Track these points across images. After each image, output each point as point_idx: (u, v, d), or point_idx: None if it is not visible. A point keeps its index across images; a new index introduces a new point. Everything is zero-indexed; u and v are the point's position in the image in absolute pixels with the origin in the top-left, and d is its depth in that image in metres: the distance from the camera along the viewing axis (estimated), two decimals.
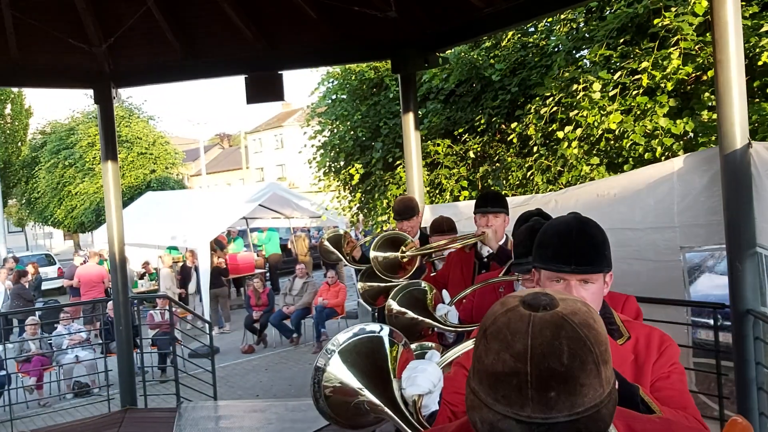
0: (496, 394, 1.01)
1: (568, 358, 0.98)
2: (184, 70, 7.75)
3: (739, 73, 4.37)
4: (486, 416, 1.02)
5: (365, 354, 1.65)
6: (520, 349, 1.00)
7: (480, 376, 1.05)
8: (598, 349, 1.01)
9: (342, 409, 1.65)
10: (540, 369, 0.98)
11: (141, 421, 7.21)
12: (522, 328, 1.02)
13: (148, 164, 27.97)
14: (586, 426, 0.98)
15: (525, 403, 0.98)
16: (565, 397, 0.97)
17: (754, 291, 4.43)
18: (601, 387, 1.00)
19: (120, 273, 7.57)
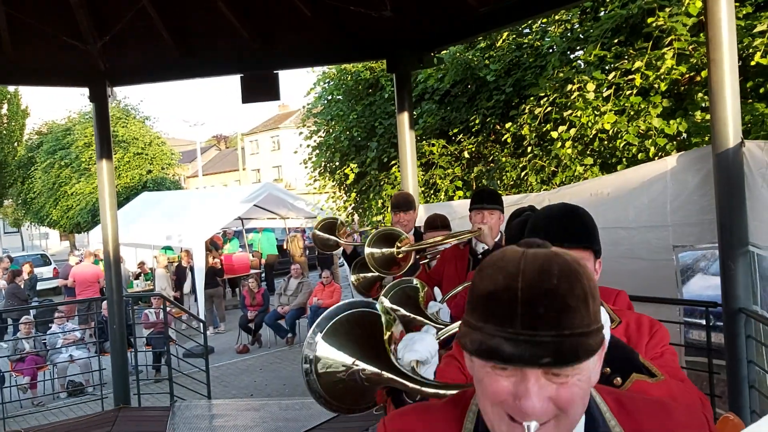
0: (486, 314, 1.03)
1: (558, 278, 1.01)
2: (179, 69, 7.75)
3: (733, 72, 4.38)
4: (476, 337, 1.04)
5: (356, 329, 1.65)
6: (512, 270, 1.03)
7: (472, 303, 1.07)
8: (588, 282, 1.04)
9: (337, 390, 1.65)
10: (531, 285, 1.00)
11: (134, 419, 7.20)
12: (516, 257, 1.05)
13: (145, 165, 27.92)
14: (570, 349, 0.99)
15: (514, 318, 1.00)
16: (553, 315, 0.99)
17: (746, 290, 4.44)
18: (588, 317, 1.02)
19: (114, 271, 7.56)
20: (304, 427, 6.67)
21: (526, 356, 0.98)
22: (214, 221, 15.63)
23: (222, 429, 7.03)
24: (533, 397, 1.01)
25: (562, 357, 0.98)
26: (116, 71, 7.64)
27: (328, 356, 1.64)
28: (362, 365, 1.64)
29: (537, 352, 0.98)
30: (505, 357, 0.99)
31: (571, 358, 0.99)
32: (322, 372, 1.64)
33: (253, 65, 7.36)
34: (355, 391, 1.69)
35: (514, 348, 0.98)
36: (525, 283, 1.00)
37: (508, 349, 0.99)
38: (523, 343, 0.98)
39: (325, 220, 5.48)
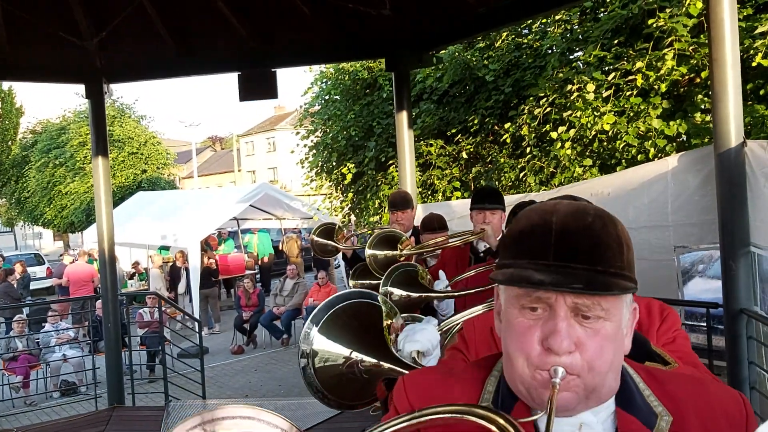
0: (519, 250, 1.03)
1: (593, 218, 1.01)
2: (176, 67, 7.70)
3: (735, 71, 4.37)
4: (508, 271, 1.03)
5: (356, 319, 1.61)
6: (548, 209, 1.04)
7: (506, 244, 1.07)
8: (623, 232, 1.03)
9: (335, 384, 1.60)
10: (566, 221, 1.00)
11: (128, 419, 7.13)
12: (551, 202, 1.07)
13: (140, 164, 27.83)
14: (603, 281, 0.97)
15: (547, 250, 0.99)
16: (586, 249, 0.98)
17: (747, 290, 4.42)
18: (622, 260, 1.00)
19: (109, 269, 7.49)
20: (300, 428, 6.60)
21: (557, 281, 0.96)
22: (209, 221, 15.57)
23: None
24: (561, 332, 0.98)
25: (594, 284, 0.96)
26: (113, 68, 7.57)
27: (325, 349, 1.59)
28: (360, 356, 1.59)
29: (568, 280, 0.96)
30: (535, 281, 0.98)
31: (603, 286, 0.97)
32: (320, 366, 1.60)
33: (251, 63, 7.31)
34: (354, 385, 1.64)
35: (546, 275, 0.98)
36: (560, 218, 1.01)
37: (540, 275, 0.98)
38: (555, 272, 0.97)
39: (322, 226, 5.41)
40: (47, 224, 29.97)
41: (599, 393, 1.02)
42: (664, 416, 1.06)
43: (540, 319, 1.01)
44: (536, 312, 1.01)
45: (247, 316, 12.62)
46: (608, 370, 1.02)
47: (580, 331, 0.99)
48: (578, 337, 0.99)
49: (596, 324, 1.00)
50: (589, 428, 1.04)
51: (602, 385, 1.02)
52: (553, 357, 0.99)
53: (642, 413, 1.06)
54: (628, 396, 1.08)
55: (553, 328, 0.99)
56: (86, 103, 7.73)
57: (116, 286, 7.73)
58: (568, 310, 0.99)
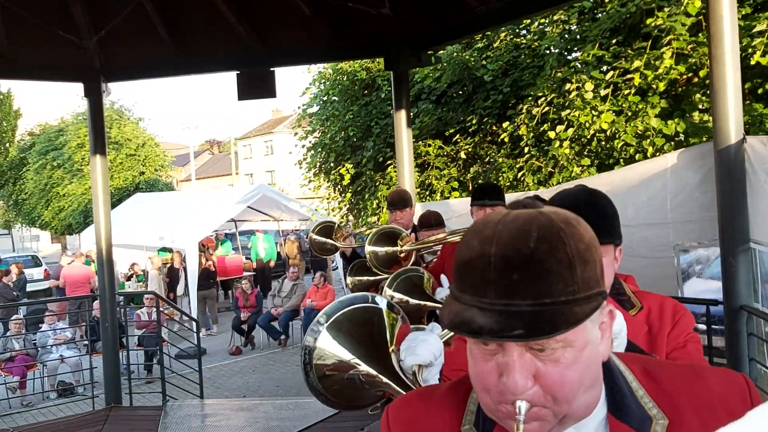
0: (463, 283, 0.95)
1: (535, 241, 0.91)
2: (175, 66, 7.69)
3: (735, 67, 4.37)
4: (453, 308, 0.96)
5: (359, 325, 1.59)
6: (488, 234, 0.94)
7: (454, 271, 1.00)
8: (575, 244, 0.93)
9: (334, 386, 1.58)
10: (504, 249, 0.91)
11: (126, 418, 7.10)
12: (496, 218, 0.97)
13: (137, 166, 27.77)
14: (549, 319, 0.89)
15: (487, 287, 0.91)
16: (529, 282, 0.90)
17: (747, 287, 4.42)
18: (574, 284, 0.91)
19: (107, 269, 7.47)
20: (298, 427, 6.59)
21: (496, 327, 0.89)
22: (207, 223, 15.54)
23: (215, 429, 6.94)
24: (515, 373, 0.92)
25: (537, 328, 0.88)
26: (111, 67, 7.57)
27: (329, 350, 1.57)
28: (361, 365, 1.58)
29: (510, 323, 0.89)
30: (475, 329, 0.90)
31: (547, 328, 0.89)
32: (321, 364, 1.58)
33: (250, 62, 7.31)
34: (353, 389, 1.62)
35: (486, 319, 0.90)
36: (499, 248, 0.92)
37: (480, 320, 0.90)
38: (498, 313, 0.90)
39: (321, 224, 5.39)
40: (45, 226, 29.90)
41: (573, 416, 0.97)
42: (660, 419, 1.01)
43: (496, 352, 0.95)
44: (489, 346, 0.96)
45: (244, 317, 12.60)
46: (576, 396, 0.95)
47: (538, 364, 0.93)
48: (536, 370, 0.93)
49: (554, 354, 0.93)
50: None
51: (575, 409, 0.97)
52: (511, 394, 0.94)
53: (635, 419, 1.01)
54: (619, 400, 1.03)
55: (506, 366, 0.93)
56: (84, 104, 7.71)
57: (114, 285, 7.72)
58: (521, 348, 0.93)
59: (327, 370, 1.56)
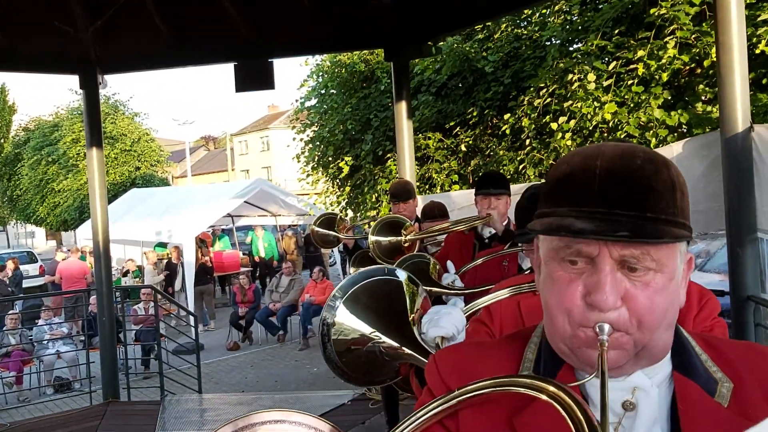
0: (559, 196, 0.93)
1: (642, 161, 0.91)
2: (172, 57, 7.62)
3: (742, 54, 4.32)
4: (546, 220, 0.93)
5: (379, 297, 1.54)
6: (592, 151, 0.93)
7: (545, 192, 0.97)
8: (677, 176, 0.93)
9: (353, 360, 1.53)
10: (611, 164, 0.90)
11: (124, 413, 7.05)
12: (596, 144, 0.96)
13: (133, 161, 27.61)
14: (652, 228, 0.88)
15: (591, 196, 0.90)
16: (635, 195, 0.89)
17: (754, 277, 4.37)
18: (675, 207, 0.90)
19: (104, 262, 7.40)
20: None
21: (599, 229, 0.87)
22: (204, 217, 15.45)
23: (214, 423, 6.88)
24: (606, 287, 0.89)
25: (642, 232, 0.87)
26: (108, 58, 7.48)
27: (348, 324, 1.53)
28: (382, 338, 1.53)
29: (613, 227, 0.87)
30: (575, 230, 0.88)
31: (653, 234, 0.87)
32: (341, 339, 1.53)
33: (247, 53, 7.23)
34: (374, 364, 1.58)
35: (587, 223, 0.88)
36: (605, 162, 0.90)
37: (581, 224, 0.88)
38: (598, 220, 0.88)
39: (323, 216, 5.33)
40: (40, 222, 29.74)
41: (651, 351, 0.94)
42: (725, 383, 0.97)
43: (583, 272, 0.92)
44: (577, 265, 0.92)
45: (242, 313, 12.53)
46: (660, 326, 0.92)
47: (627, 284, 0.90)
48: (625, 291, 0.90)
49: (646, 276, 0.90)
50: (643, 392, 0.95)
51: (654, 342, 0.93)
52: (597, 313, 0.90)
53: (701, 378, 0.97)
54: (686, 359, 0.99)
55: (597, 283, 0.90)
56: (78, 99, 7.63)
57: (111, 279, 7.65)
58: (614, 263, 0.90)
59: (346, 344, 1.52)
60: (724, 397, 0.95)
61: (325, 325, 1.53)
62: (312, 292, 12.16)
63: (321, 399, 7.25)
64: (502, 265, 2.96)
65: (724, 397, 0.95)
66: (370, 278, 1.57)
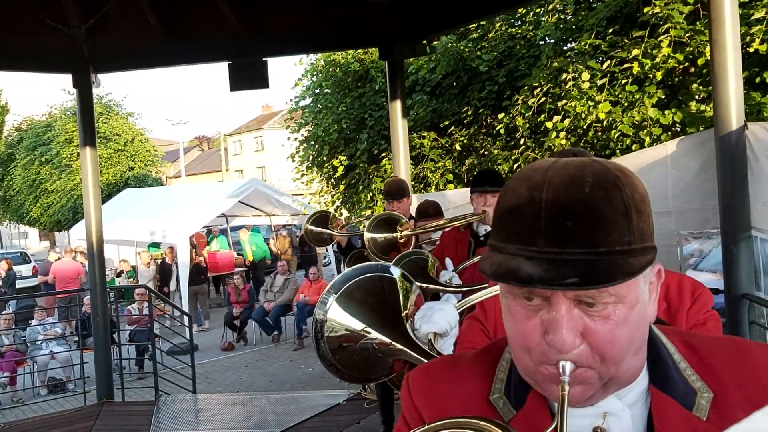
0: (507, 232, 0.88)
1: (590, 187, 0.84)
2: (166, 55, 7.59)
3: (736, 52, 4.33)
4: (495, 259, 0.88)
5: (372, 293, 1.54)
6: (538, 180, 0.87)
7: (495, 222, 0.92)
8: (632, 193, 0.86)
9: (346, 357, 1.53)
10: (557, 195, 0.84)
11: (118, 413, 7.02)
12: (545, 166, 0.89)
13: (126, 161, 27.50)
14: (604, 268, 0.82)
15: (537, 235, 0.84)
16: (584, 230, 0.83)
17: (748, 275, 4.39)
18: (630, 233, 0.84)
19: (98, 262, 7.36)
20: (294, 421, 6.52)
21: (547, 276, 0.82)
22: (198, 218, 15.39)
23: (209, 423, 6.86)
24: (562, 329, 0.85)
25: (592, 276, 0.82)
26: (101, 57, 7.44)
27: (340, 320, 1.53)
28: (374, 333, 1.52)
29: (562, 272, 0.82)
30: (524, 277, 0.83)
31: (603, 277, 0.82)
32: (333, 336, 1.53)
33: (242, 52, 7.20)
34: (368, 361, 1.57)
35: (535, 267, 0.83)
36: (551, 193, 0.85)
37: (529, 269, 0.83)
38: (547, 262, 0.83)
39: (316, 214, 5.32)
40: (33, 223, 29.58)
41: (619, 380, 0.91)
42: (704, 393, 0.94)
43: (540, 308, 0.88)
44: (533, 302, 0.88)
45: (237, 313, 12.49)
46: (625, 356, 0.89)
47: (586, 320, 0.86)
48: (584, 326, 0.86)
49: (605, 310, 0.86)
50: (614, 417, 0.92)
51: (621, 372, 0.90)
52: (557, 352, 0.87)
53: (679, 392, 0.94)
54: (663, 372, 0.95)
55: (553, 323, 0.86)
56: (72, 99, 7.60)
57: (105, 279, 7.61)
58: (569, 302, 0.86)
59: (339, 341, 1.51)
60: (702, 410, 0.93)
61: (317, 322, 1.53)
62: (307, 292, 12.13)
63: (316, 399, 7.23)
64: None
65: (703, 410, 0.93)
66: (364, 275, 1.56)
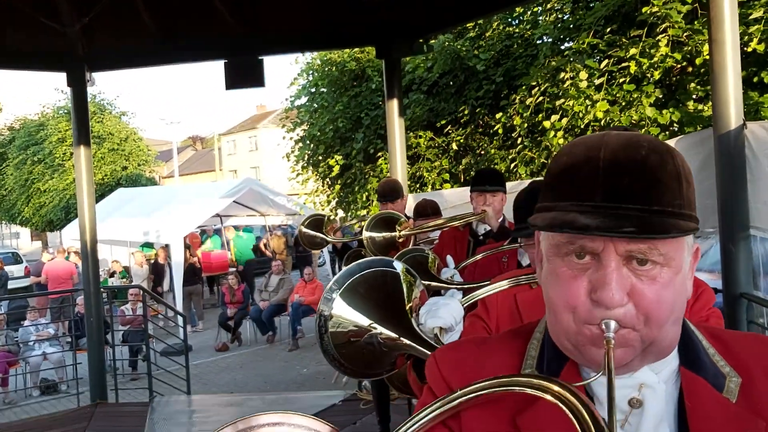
0: (561, 190, 0.90)
1: (646, 151, 0.88)
2: (161, 54, 7.55)
3: (735, 51, 4.32)
4: (547, 215, 0.90)
5: (376, 288, 1.52)
6: (595, 141, 0.90)
7: (547, 184, 0.94)
8: (683, 164, 0.90)
9: (350, 352, 1.50)
10: (615, 155, 0.87)
11: (112, 415, 6.96)
12: (599, 134, 0.93)
13: (120, 161, 27.36)
14: (659, 226, 0.85)
15: (595, 190, 0.86)
16: (640, 188, 0.86)
17: (747, 274, 4.37)
18: (681, 198, 0.88)
19: (92, 261, 7.31)
20: None
21: (604, 225, 0.84)
22: (192, 217, 15.32)
23: (203, 424, 6.80)
24: (612, 284, 0.86)
25: (649, 227, 0.84)
26: (95, 55, 7.39)
27: (345, 315, 1.51)
28: (379, 329, 1.50)
29: (619, 223, 0.84)
30: (579, 226, 0.85)
31: (659, 228, 0.85)
32: (338, 331, 1.50)
33: (237, 51, 7.16)
34: (372, 356, 1.55)
35: (591, 219, 0.85)
36: (609, 153, 0.87)
37: (585, 220, 0.85)
38: (603, 215, 0.85)
39: (311, 217, 5.28)
40: (25, 223, 29.38)
41: (659, 346, 0.91)
42: (733, 377, 0.94)
43: (588, 268, 0.89)
44: (583, 260, 0.89)
45: (231, 313, 12.43)
46: (668, 321, 0.90)
47: (633, 280, 0.88)
48: (632, 286, 0.87)
49: (652, 271, 0.88)
50: (650, 389, 0.92)
51: (662, 338, 0.90)
52: (603, 310, 0.87)
53: (709, 373, 0.94)
54: (693, 354, 0.96)
55: (602, 279, 0.87)
56: (65, 98, 7.56)
57: (98, 279, 7.56)
58: (619, 259, 0.87)
59: (344, 336, 1.50)
60: (732, 393, 0.93)
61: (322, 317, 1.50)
62: (301, 292, 12.08)
63: (312, 399, 7.19)
64: (501, 261, 2.94)
65: (732, 393, 0.93)
66: (368, 270, 1.54)
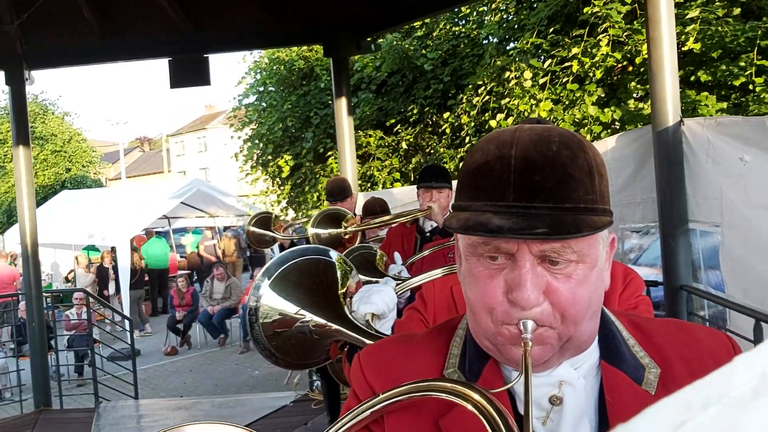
0: (474, 189, 0.90)
1: (557, 146, 0.87)
2: (103, 52, 7.38)
3: (672, 49, 4.45)
4: (462, 216, 0.90)
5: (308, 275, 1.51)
6: (507, 139, 0.90)
7: (461, 182, 0.94)
8: (593, 156, 0.90)
9: (283, 343, 1.49)
10: (526, 152, 0.87)
11: (57, 422, 6.77)
12: (511, 129, 0.92)
13: (63, 163, 26.61)
14: (571, 225, 0.84)
15: (507, 189, 0.86)
16: (551, 185, 0.85)
17: (686, 267, 4.51)
18: (593, 193, 0.87)
19: (33, 266, 7.10)
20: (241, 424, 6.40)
21: (517, 227, 0.84)
22: (138, 219, 14.99)
23: (151, 429, 6.67)
24: (527, 285, 0.86)
25: (561, 227, 0.84)
26: (35, 53, 7.19)
27: (274, 305, 1.49)
28: (308, 315, 1.49)
29: (531, 223, 0.84)
30: (492, 228, 0.85)
31: (571, 228, 0.84)
32: (268, 322, 1.49)
33: (182, 49, 7.07)
34: (304, 345, 1.53)
35: (504, 220, 0.85)
36: (520, 150, 0.87)
37: (498, 221, 0.85)
38: (516, 215, 0.85)
39: (258, 215, 5.22)
40: None
41: (576, 342, 0.92)
42: (652, 368, 0.96)
43: (503, 268, 0.89)
44: (498, 261, 0.89)
45: (180, 316, 12.21)
46: (584, 317, 0.91)
47: (548, 278, 0.88)
48: (547, 284, 0.88)
49: (567, 268, 0.88)
50: (570, 386, 0.93)
51: (579, 333, 0.91)
52: (519, 310, 0.88)
53: (629, 366, 0.96)
54: (613, 346, 0.97)
55: (518, 280, 0.87)
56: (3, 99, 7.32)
57: (40, 284, 7.35)
58: (534, 258, 0.87)
59: (273, 326, 1.47)
60: (651, 384, 0.95)
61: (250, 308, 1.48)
62: None
63: (262, 401, 7.13)
64: (447, 257, 2.96)
65: (652, 384, 0.95)
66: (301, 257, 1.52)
